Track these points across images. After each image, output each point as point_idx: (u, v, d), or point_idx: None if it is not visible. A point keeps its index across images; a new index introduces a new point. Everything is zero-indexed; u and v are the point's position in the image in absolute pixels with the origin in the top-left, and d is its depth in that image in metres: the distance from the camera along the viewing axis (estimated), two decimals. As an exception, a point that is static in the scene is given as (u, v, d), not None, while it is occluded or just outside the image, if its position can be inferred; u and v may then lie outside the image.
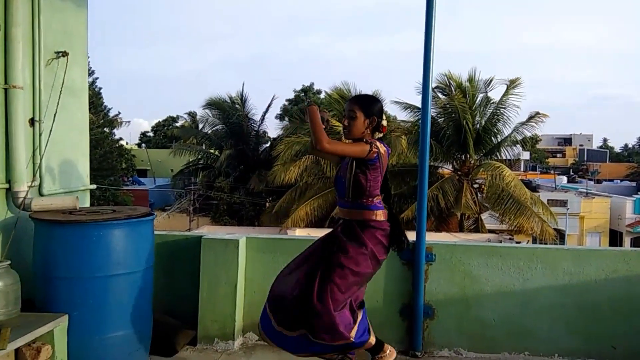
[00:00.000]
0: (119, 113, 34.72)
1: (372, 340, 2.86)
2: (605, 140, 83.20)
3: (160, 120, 54.22)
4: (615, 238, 32.00)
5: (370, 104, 2.82)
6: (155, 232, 3.88)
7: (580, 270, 3.61)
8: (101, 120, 29.23)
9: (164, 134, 49.53)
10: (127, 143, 45.14)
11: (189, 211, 26.75)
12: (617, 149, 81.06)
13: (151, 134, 55.29)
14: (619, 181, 49.82)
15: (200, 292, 3.73)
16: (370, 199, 2.76)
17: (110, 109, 34.66)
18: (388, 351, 2.92)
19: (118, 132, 35.27)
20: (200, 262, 3.75)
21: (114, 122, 33.82)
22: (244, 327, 3.84)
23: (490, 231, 20.74)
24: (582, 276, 3.61)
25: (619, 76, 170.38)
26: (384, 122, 2.83)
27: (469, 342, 3.68)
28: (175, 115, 49.61)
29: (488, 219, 21.06)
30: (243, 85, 27.42)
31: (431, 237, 4.05)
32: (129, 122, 36.62)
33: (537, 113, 19.85)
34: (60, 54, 3.59)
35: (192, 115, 34.17)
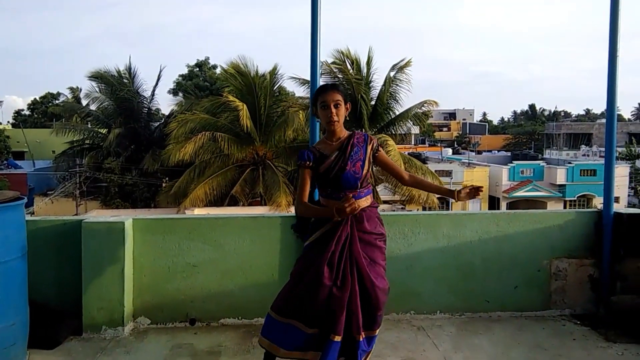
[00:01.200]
0: None
1: None
2: (485, 114, 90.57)
3: (38, 97, 49.37)
4: (493, 203, 35.24)
5: (343, 90, 2.88)
6: (29, 218, 3.57)
7: (457, 233, 3.92)
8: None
9: (43, 112, 45.22)
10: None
11: (75, 195, 24.84)
12: (495, 122, 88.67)
13: (27, 113, 50.19)
14: (496, 151, 54.64)
15: (83, 279, 3.51)
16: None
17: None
18: None
19: (-13, 112, 31.42)
20: (82, 247, 3.51)
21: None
22: (134, 311, 3.69)
23: (385, 202, 21.83)
24: (459, 238, 3.92)
25: (495, 55, 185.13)
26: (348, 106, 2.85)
27: (360, 307, 3.85)
28: (55, 92, 45.43)
29: (383, 191, 22.09)
30: (130, 58, 25.30)
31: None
32: (1, 101, 32.73)
33: (427, 100, 21.10)
34: None
35: (74, 91, 31.35)
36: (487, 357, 3.25)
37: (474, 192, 2.81)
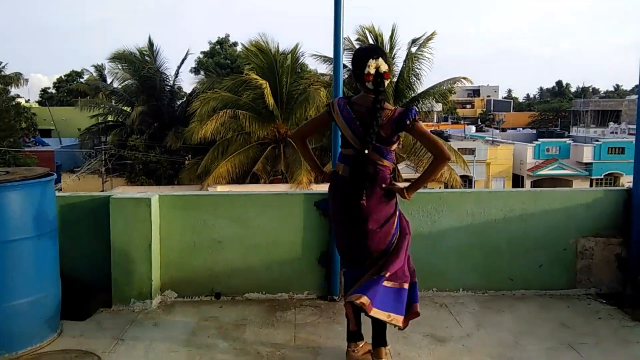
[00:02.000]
0: (20, 73, 31.24)
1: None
2: (510, 91, 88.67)
3: (63, 75, 50.01)
4: (517, 181, 34.74)
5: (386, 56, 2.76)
6: (59, 194, 3.67)
7: (481, 211, 3.88)
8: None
9: (68, 90, 45.86)
10: (26, 101, 41.37)
11: (100, 172, 25.34)
12: (521, 99, 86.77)
13: (53, 91, 50.96)
14: (521, 129, 53.60)
15: (112, 254, 3.60)
16: None
17: (6, 64, 31.15)
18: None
19: (15, 90, 31.93)
20: (110, 222, 3.59)
21: (11, 79, 30.56)
22: (162, 285, 3.78)
23: (407, 180, 21.73)
24: (484, 217, 3.89)
25: (521, 30, 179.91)
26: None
27: (382, 283, 3.87)
28: (79, 70, 45.83)
29: (404, 169, 21.97)
30: (150, 37, 25.40)
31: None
32: (27, 79, 33.22)
33: (457, 77, 20.69)
34: None
35: (98, 68, 31.60)
36: (510, 334, 3.25)
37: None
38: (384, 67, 2.64)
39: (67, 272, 3.44)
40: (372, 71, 2.62)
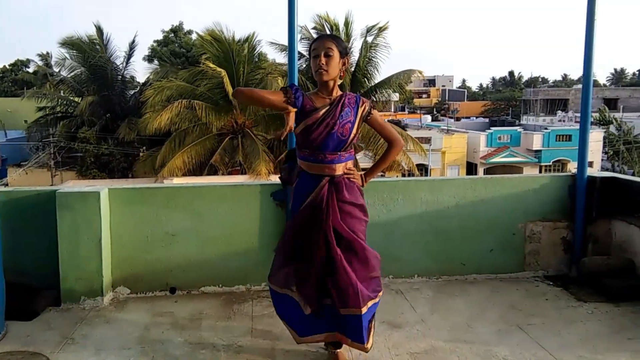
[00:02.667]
0: None
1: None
2: (464, 80, 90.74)
3: (7, 64, 47.53)
4: (471, 169, 35.71)
5: (343, 43, 2.60)
6: (2, 189, 3.52)
7: (435, 198, 3.96)
8: None
9: (14, 80, 43.66)
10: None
11: (49, 166, 24.31)
12: (474, 88, 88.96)
13: (-4, 81, 48.40)
14: (474, 118, 55.00)
15: (59, 250, 3.46)
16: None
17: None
18: None
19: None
20: (56, 218, 3.45)
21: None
22: (113, 281, 3.67)
23: (364, 169, 21.91)
24: (437, 204, 3.97)
25: (475, 21, 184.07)
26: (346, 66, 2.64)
27: (340, 272, 3.90)
28: (25, 59, 43.76)
29: (362, 158, 22.16)
30: (99, 25, 24.42)
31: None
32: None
33: (411, 70, 20.97)
34: None
35: (45, 57, 30.21)
36: (463, 318, 3.34)
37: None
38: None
39: (12, 271, 3.29)
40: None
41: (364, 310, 2.53)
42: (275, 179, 15.46)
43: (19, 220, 3.56)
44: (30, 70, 38.37)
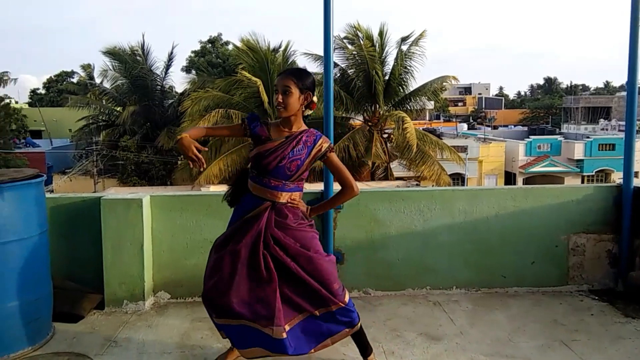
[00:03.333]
0: (8, 72, 30.94)
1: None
2: (501, 88, 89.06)
3: (53, 75, 49.66)
4: (509, 179, 34.93)
5: (304, 79, 2.63)
6: (49, 196, 3.64)
7: (473, 208, 3.89)
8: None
9: (59, 90, 45.54)
10: (15, 102, 40.97)
11: (92, 173, 25.17)
12: (512, 96, 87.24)
13: (43, 92, 50.58)
14: (513, 126, 53.87)
15: (104, 255, 3.57)
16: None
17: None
18: None
19: (2, 90, 31.64)
20: (101, 224, 3.57)
21: None
22: (154, 286, 3.76)
23: (399, 178, 21.77)
24: (476, 214, 3.90)
25: (512, 27, 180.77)
26: (315, 99, 2.65)
27: (376, 282, 3.88)
28: (69, 70, 45.66)
29: (397, 167, 22.00)
30: (143, 36, 25.49)
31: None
32: (16, 79, 32.93)
33: (446, 76, 20.72)
34: None
35: (86, 68, 31.39)
36: (504, 332, 3.26)
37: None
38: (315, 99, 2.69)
39: (59, 275, 3.41)
40: (316, 100, 2.67)
41: (346, 300, 2.61)
42: (311, 187, 15.48)
43: (65, 225, 3.69)
44: (74, 80, 39.89)
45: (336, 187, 3.81)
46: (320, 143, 2.66)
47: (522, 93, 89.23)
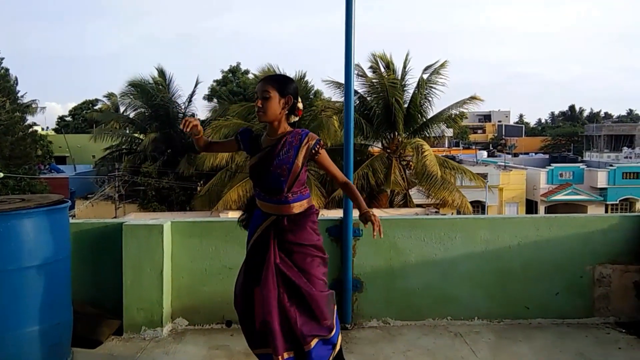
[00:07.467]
0: (36, 100, 32.10)
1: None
2: (521, 115, 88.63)
3: (78, 103, 51.15)
4: (531, 207, 34.35)
5: (284, 83, 2.61)
6: (72, 221, 3.70)
7: (495, 237, 3.83)
8: (12, 105, 26.95)
9: (84, 118, 46.81)
10: (42, 129, 42.16)
11: (114, 198, 25.57)
12: (532, 124, 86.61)
13: (69, 119, 52.05)
14: (534, 154, 53.28)
15: (124, 280, 3.60)
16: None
17: (24, 94, 32.02)
18: None
19: (31, 118, 32.72)
20: (122, 249, 3.61)
21: (28, 108, 31.33)
22: (172, 313, 3.76)
23: (418, 205, 21.60)
24: (498, 243, 3.84)
25: (532, 55, 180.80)
26: (300, 105, 2.64)
27: (395, 311, 3.82)
28: (93, 98, 46.97)
29: (416, 194, 21.86)
30: (161, 67, 26.30)
31: (358, 213, 4.13)
32: (44, 107, 34.10)
33: (471, 97, 20.75)
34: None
35: (110, 97, 32.37)
36: (528, 365, 3.16)
37: (375, 227, 2.64)
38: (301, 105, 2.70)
39: (79, 299, 3.44)
40: (301, 106, 2.69)
41: (312, 344, 2.54)
42: (329, 214, 15.49)
43: (87, 250, 3.74)
44: (98, 107, 40.99)
45: (355, 213, 3.82)
46: (306, 141, 2.60)
47: (543, 120, 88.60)
